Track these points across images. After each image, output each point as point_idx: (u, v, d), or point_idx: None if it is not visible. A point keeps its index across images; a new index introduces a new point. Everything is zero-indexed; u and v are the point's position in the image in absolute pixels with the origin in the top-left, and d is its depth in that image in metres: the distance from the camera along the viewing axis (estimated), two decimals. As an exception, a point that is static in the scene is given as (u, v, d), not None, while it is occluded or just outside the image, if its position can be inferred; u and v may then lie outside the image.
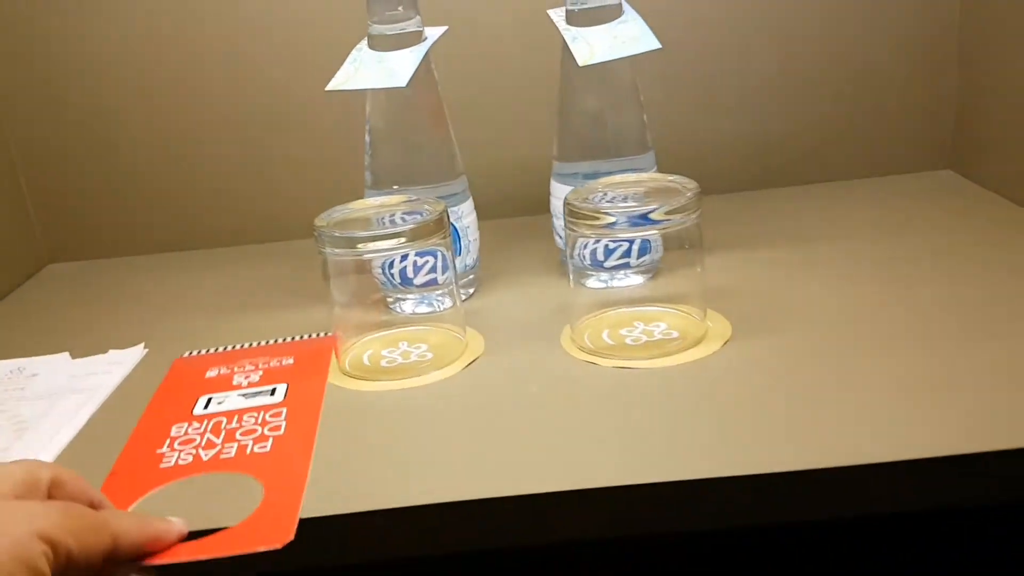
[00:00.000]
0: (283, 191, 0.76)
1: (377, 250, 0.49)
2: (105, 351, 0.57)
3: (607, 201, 0.51)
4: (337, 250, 0.49)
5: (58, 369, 0.55)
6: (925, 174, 0.75)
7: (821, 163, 0.76)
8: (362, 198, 0.57)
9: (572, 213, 0.49)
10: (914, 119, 0.74)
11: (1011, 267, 0.55)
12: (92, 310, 0.67)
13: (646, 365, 0.48)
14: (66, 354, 0.57)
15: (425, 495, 0.38)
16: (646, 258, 0.58)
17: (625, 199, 0.51)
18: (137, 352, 0.56)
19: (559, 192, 0.60)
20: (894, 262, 0.58)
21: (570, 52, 0.57)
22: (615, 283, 0.58)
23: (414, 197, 0.54)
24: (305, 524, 0.37)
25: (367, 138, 0.58)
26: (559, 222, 0.60)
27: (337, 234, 0.49)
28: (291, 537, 0.36)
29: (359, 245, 0.49)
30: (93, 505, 0.35)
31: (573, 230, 0.50)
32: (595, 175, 0.58)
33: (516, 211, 0.74)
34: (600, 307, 0.55)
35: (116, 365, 0.55)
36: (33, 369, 0.56)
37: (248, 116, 0.74)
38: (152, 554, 0.35)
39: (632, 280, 0.58)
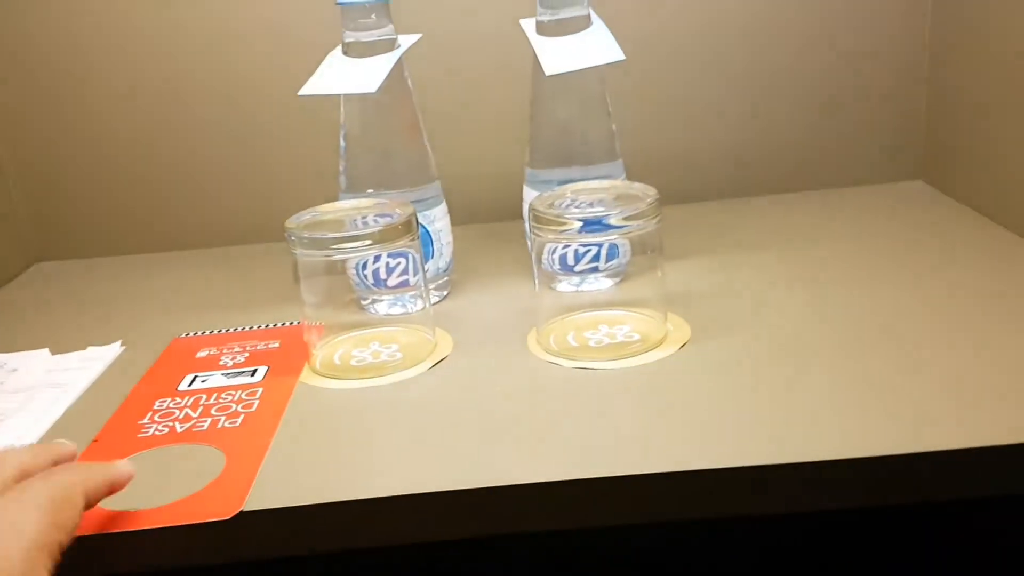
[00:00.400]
0: (265, 194, 0.78)
1: (345, 251, 0.51)
2: (84, 348, 0.59)
3: (575, 207, 0.52)
4: (307, 251, 0.51)
5: (37, 365, 0.57)
6: (896, 184, 0.77)
7: (793, 174, 0.77)
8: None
9: (536, 218, 0.51)
10: (885, 131, 0.76)
11: (973, 273, 0.56)
12: (76, 308, 0.68)
13: (606, 366, 0.50)
14: (46, 350, 0.58)
15: (386, 487, 0.40)
16: (614, 262, 0.59)
17: (591, 204, 0.53)
18: (114, 349, 0.58)
19: (528, 198, 0.61)
20: (855, 269, 0.59)
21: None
22: (585, 287, 0.59)
23: (384, 200, 0.55)
24: (264, 514, 0.39)
25: (342, 143, 0.60)
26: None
27: (307, 236, 0.51)
28: (239, 508, 0.39)
29: (330, 247, 0.51)
30: None
31: (538, 235, 0.51)
32: (567, 182, 0.59)
33: (491, 216, 0.75)
34: (566, 311, 0.56)
35: (93, 361, 0.56)
36: (13, 364, 0.57)
37: (231, 120, 0.76)
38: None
39: (601, 284, 0.59)
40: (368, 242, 0.50)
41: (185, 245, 0.79)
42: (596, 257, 0.59)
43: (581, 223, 0.49)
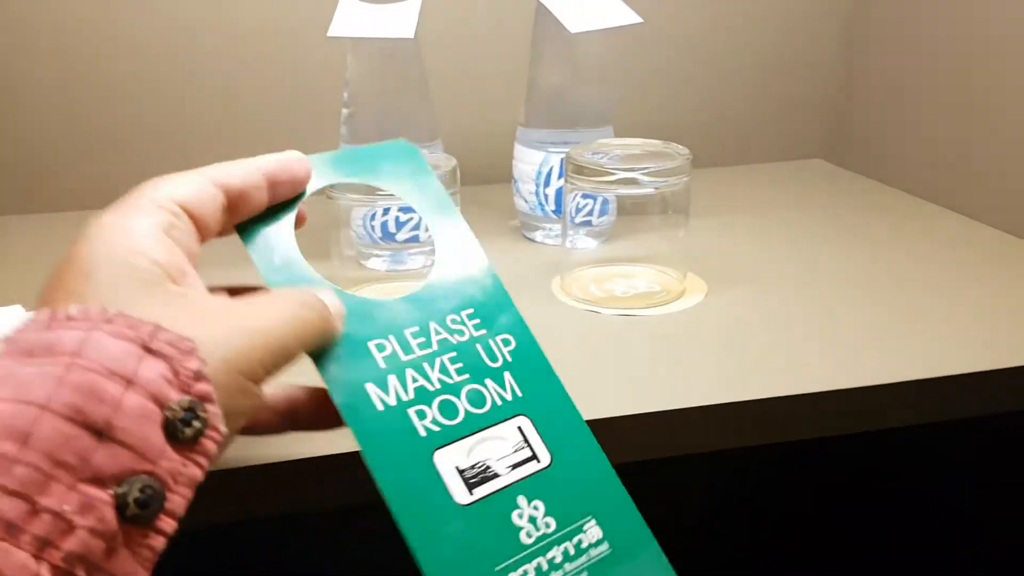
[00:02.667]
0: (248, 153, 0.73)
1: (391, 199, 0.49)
2: None
3: (607, 159, 0.54)
4: (352, 196, 0.49)
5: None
6: (797, 162, 0.85)
7: (701, 152, 0.83)
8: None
9: (576, 168, 0.52)
10: (789, 112, 0.84)
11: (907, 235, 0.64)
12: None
13: (643, 312, 0.52)
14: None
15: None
16: (604, 219, 0.61)
17: (623, 160, 0.55)
18: (15, 312, 0.51)
19: (523, 156, 0.62)
20: (805, 233, 0.66)
21: (542, 22, 0.60)
22: (579, 244, 0.61)
23: (426, 151, 0.54)
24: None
25: (345, 95, 0.58)
26: (525, 186, 0.63)
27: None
28: None
29: (376, 192, 0.49)
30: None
31: (574, 184, 0.53)
32: (562, 143, 0.61)
33: (477, 180, 0.75)
34: (588, 264, 0.58)
35: None
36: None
37: (211, 70, 0.70)
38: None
39: (587, 243, 0.61)
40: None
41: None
42: (591, 212, 0.61)
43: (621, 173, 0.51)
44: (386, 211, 0.56)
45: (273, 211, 0.35)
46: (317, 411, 0.34)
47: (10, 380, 0.24)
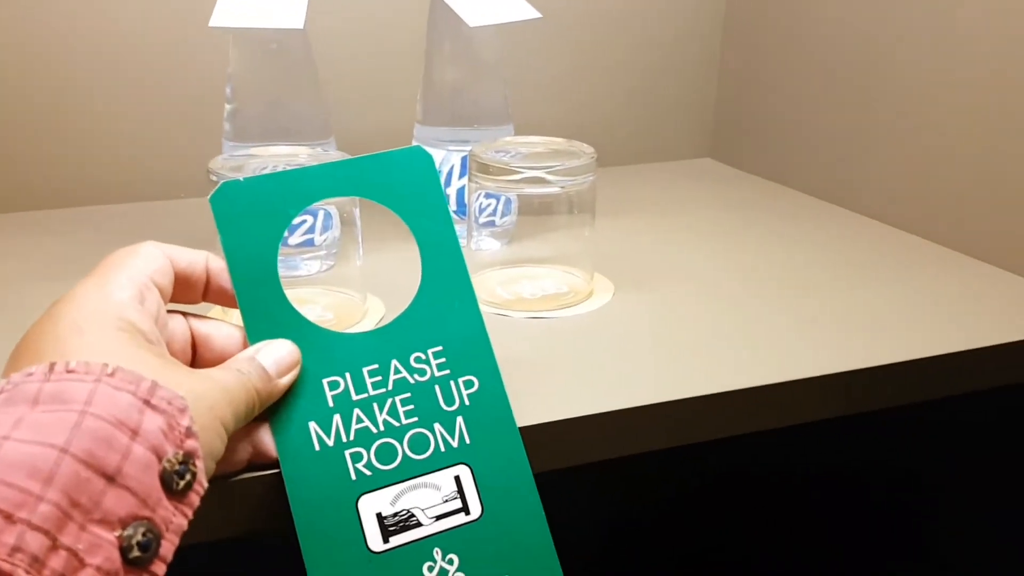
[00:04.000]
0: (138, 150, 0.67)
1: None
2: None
3: (510, 158, 0.52)
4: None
5: None
6: (688, 161, 0.86)
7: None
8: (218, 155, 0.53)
9: (481, 167, 0.50)
10: (677, 113, 0.84)
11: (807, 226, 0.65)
12: None
13: (554, 315, 0.50)
14: None
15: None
16: (507, 219, 0.60)
17: (527, 158, 0.53)
18: None
19: (422, 156, 0.60)
20: (709, 231, 0.66)
21: (438, 16, 0.57)
22: (483, 245, 0.59)
23: (320, 149, 0.51)
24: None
25: (228, 90, 0.54)
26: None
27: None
28: None
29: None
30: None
31: (478, 183, 0.51)
32: (459, 141, 0.59)
33: None
34: (491, 266, 0.56)
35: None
36: None
37: (98, 68, 0.65)
38: None
39: (490, 244, 0.59)
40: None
41: (37, 205, 0.67)
42: (494, 212, 0.59)
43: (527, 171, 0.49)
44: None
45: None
46: None
47: (28, 424, 0.26)
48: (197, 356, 0.36)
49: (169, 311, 0.35)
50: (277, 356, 0.34)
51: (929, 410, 0.60)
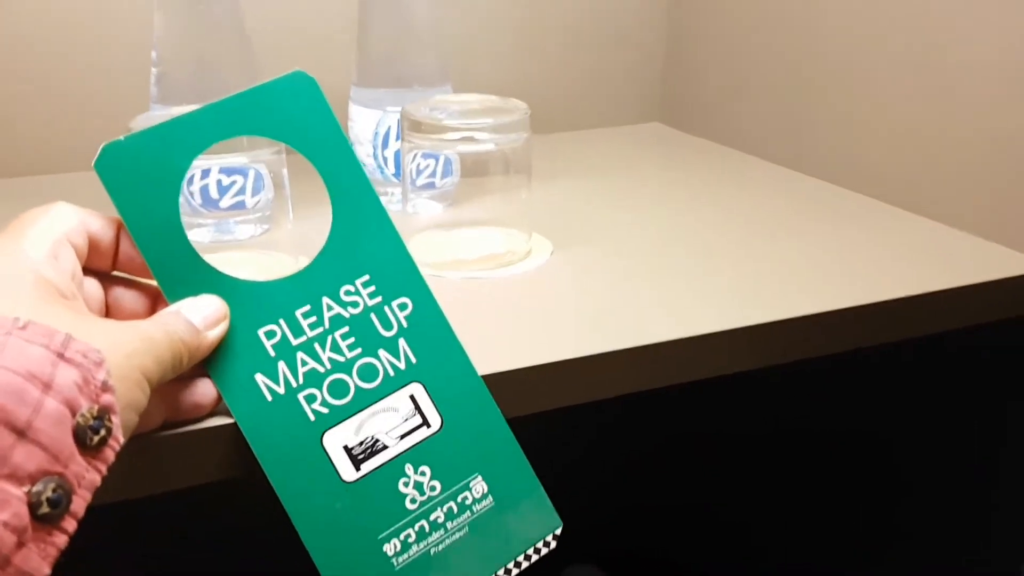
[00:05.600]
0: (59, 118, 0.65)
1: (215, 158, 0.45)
2: None
3: (445, 116, 0.51)
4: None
5: None
6: (637, 126, 0.85)
7: (540, 117, 0.81)
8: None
9: (415, 126, 0.49)
10: (624, 78, 0.84)
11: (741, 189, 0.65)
12: None
13: (491, 275, 0.50)
14: None
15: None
16: (448, 180, 0.59)
17: (462, 116, 0.52)
18: None
19: (358, 116, 0.59)
20: (642, 194, 0.66)
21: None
22: (419, 207, 0.58)
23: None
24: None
25: (153, 54, 0.52)
26: (362, 148, 0.59)
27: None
28: None
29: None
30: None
31: (413, 143, 0.50)
32: (397, 101, 0.58)
33: None
34: (421, 229, 0.55)
35: None
36: None
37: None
38: None
39: (431, 207, 0.58)
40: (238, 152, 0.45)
41: None
42: (432, 173, 0.58)
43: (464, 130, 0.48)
44: (205, 174, 0.51)
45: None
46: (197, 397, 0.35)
47: None
48: (111, 318, 0.35)
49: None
50: (203, 310, 0.33)
51: (878, 358, 0.61)
